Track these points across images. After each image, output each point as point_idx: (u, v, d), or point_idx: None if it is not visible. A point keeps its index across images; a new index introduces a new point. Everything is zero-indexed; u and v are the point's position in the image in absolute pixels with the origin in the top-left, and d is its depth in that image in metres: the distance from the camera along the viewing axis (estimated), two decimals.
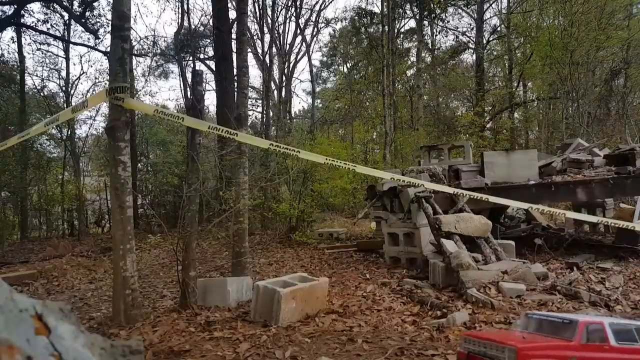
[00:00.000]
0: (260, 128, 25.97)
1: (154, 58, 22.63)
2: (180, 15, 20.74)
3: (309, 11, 27.60)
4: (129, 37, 6.58)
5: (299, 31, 26.94)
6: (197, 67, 21.42)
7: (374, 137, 29.28)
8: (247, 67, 9.07)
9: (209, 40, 21.24)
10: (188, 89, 19.08)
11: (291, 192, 15.18)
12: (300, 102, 50.74)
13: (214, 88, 19.89)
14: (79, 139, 23.16)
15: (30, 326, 0.74)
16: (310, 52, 29.17)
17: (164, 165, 19.93)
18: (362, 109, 28.69)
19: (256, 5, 23.79)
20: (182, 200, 7.07)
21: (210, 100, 51.23)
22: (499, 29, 26.80)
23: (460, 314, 5.55)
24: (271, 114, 25.57)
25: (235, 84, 12.93)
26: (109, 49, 7.67)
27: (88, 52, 24.13)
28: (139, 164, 21.32)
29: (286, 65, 26.41)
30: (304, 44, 28.34)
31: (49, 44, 21.06)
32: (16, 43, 19.78)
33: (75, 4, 19.28)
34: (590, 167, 10.15)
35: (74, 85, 22.06)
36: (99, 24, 19.41)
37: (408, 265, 9.22)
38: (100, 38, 19.91)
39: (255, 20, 24.46)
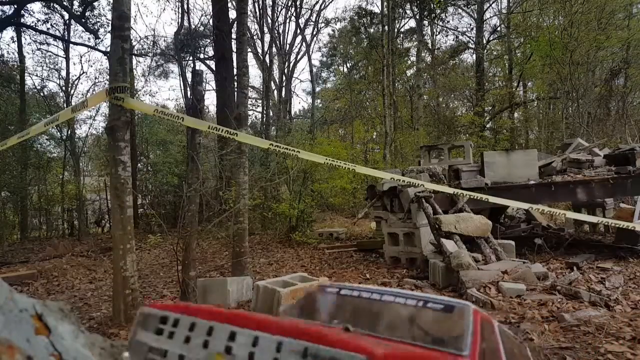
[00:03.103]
0: (260, 128, 25.97)
1: (154, 58, 22.64)
2: (180, 15, 20.82)
3: (309, 11, 27.68)
4: (129, 37, 6.57)
5: (299, 31, 26.98)
6: (197, 67, 21.48)
7: (374, 137, 29.30)
8: (247, 67, 9.05)
9: (209, 40, 21.25)
10: (188, 89, 19.09)
11: (291, 192, 15.16)
12: (300, 102, 51.10)
13: (214, 88, 19.88)
14: (79, 138, 23.16)
15: (30, 326, 0.74)
16: (310, 52, 29.17)
17: (164, 165, 19.92)
18: (362, 109, 28.70)
19: (256, 5, 23.82)
20: (182, 200, 7.07)
21: (210, 100, 51.30)
22: (499, 29, 26.82)
23: None
24: (271, 113, 25.58)
25: (235, 84, 12.92)
26: (109, 49, 7.67)
27: (88, 52, 24.28)
28: (139, 164, 21.32)
29: (286, 65, 26.41)
30: (304, 44, 28.36)
31: (49, 44, 21.10)
32: (16, 43, 19.81)
33: (75, 3, 19.30)
34: (590, 167, 10.14)
35: (74, 85, 22.09)
36: (99, 24, 19.45)
37: (408, 265, 9.23)
38: (100, 38, 19.96)
39: (255, 20, 24.48)
